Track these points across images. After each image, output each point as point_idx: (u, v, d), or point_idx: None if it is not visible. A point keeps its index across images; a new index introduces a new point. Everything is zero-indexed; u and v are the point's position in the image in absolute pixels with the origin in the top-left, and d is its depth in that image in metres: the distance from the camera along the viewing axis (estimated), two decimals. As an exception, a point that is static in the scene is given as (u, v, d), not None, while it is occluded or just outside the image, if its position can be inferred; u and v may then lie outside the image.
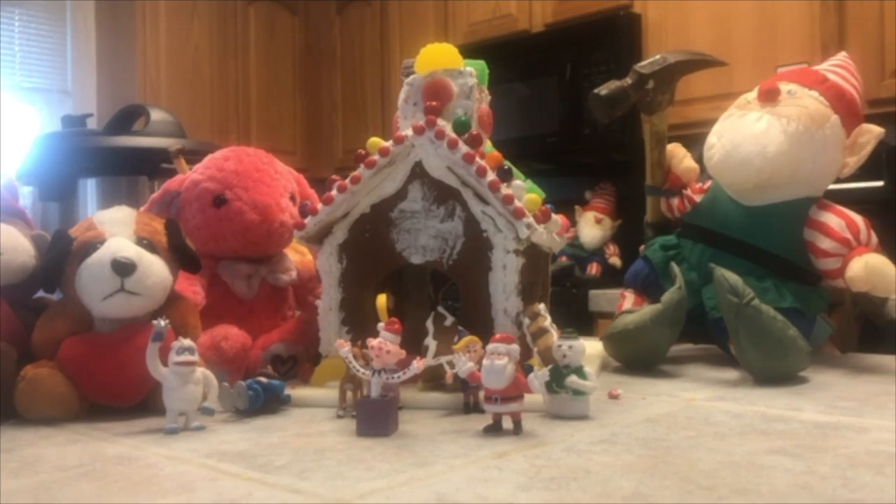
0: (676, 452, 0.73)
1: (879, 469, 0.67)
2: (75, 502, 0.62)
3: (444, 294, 1.23)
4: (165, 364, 0.84)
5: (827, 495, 0.60)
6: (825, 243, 1.20)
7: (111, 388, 0.92)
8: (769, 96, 1.27)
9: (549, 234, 1.08)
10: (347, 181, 1.06)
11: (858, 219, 1.22)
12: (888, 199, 2.79)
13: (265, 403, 0.91)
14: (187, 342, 0.84)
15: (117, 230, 0.97)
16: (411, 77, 1.14)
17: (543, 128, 3.50)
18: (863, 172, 3.16)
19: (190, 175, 1.22)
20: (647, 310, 1.20)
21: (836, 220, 1.21)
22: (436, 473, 0.67)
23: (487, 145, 1.13)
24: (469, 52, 1.19)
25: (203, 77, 4.26)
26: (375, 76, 4.50)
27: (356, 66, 4.60)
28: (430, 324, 0.94)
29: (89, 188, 2.52)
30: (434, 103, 1.07)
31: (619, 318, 1.24)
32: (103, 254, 0.93)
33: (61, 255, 0.95)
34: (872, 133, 1.27)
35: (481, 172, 1.00)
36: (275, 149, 1.14)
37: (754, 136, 1.23)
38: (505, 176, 1.01)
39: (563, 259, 3.16)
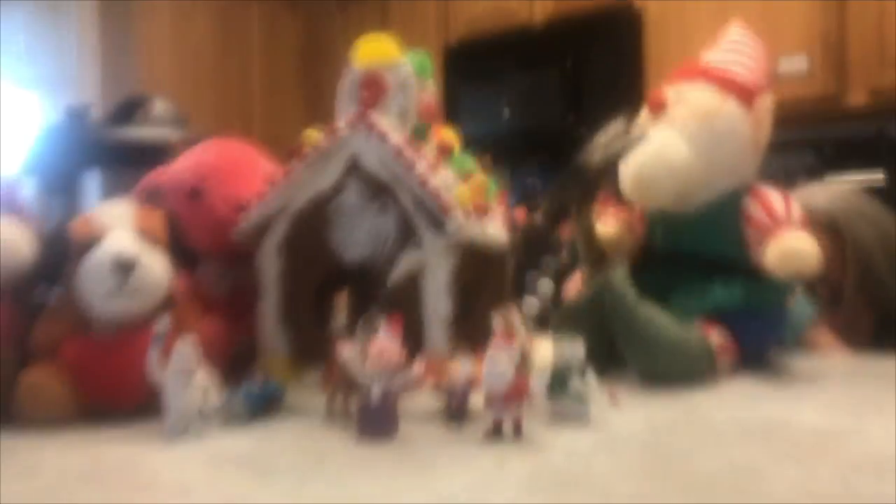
0: (677, 456, 0.73)
1: (880, 473, 0.67)
2: (76, 506, 0.62)
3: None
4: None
5: (827, 499, 0.60)
6: (753, 235, 1.17)
7: (112, 390, 0.91)
8: (657, 108, 1.23)
9: (485, 231, 1.06)
10: (280, 175, 1.05)
11: (776, 197, 1.17)
12: (888, 196, 2.79)
13: (264, 407, 0.91)
14: (189, 346, 0.83)
15: (117, 225, 0.95)
16: (350, 70, 1.12)
17: (545, 121, 3.50)
18: (862, 168, 3.13)
19: (173, 167, 1.21)
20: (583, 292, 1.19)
21: (757, 207, 1.17)
22: (436, 478, 0.67)
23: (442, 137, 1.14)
24: (470, 46, 1.19)
25: (205, 70, 4.25)
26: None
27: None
28: (361, 324, 0.92)
29: (92, 179, 2.52)
30: (367, 96, 1.06)
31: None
32: (104, 251, 0.91)
33: (61, 252, 0.94)
34: (765, 102, 1.23)
35: (409, 166, 0.99)
36: (277, 142, 1.13)
37: (654, 152, 1.19)
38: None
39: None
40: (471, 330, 1.03)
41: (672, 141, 1.20)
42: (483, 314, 1.14)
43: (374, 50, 1.12)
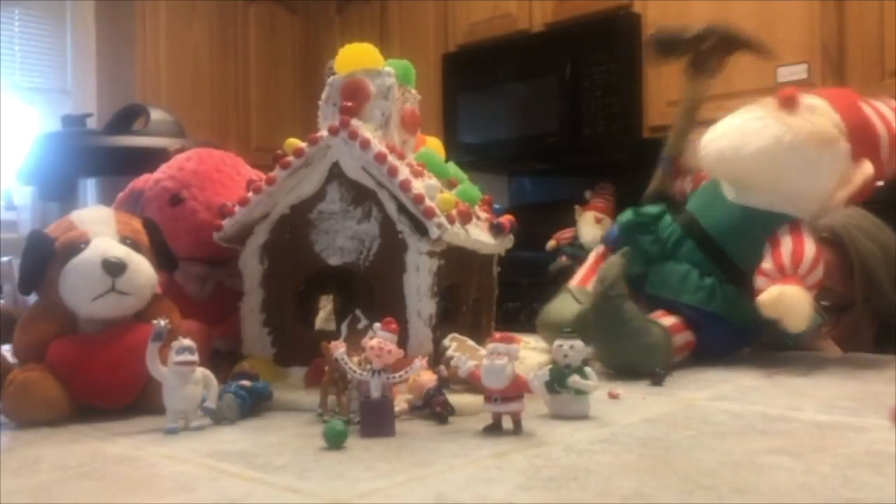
0: (676, 452, 0.73)
1: (879, 469, 0.67)
2: (75, 502, 0.62)
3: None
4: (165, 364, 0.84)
5: (827, 495, 0.60)
6: (766, 263, 1.17)
7: (103, 388, 0.90)
8: (787, 104, 1.22)
9: (469, 235, 1.07)
10: (263, 182, 1.06)
11: (809, 251, 1.16)
12: (888, 199, 2.79)
13: (253, 406, 0.90)
14: (187, 342, 0.83)
15: (100, 230, 0.96)
16: (332, 78, 1.13)
17: (543, 128, 3.51)
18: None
19: (154, 174, 1.22)
20: (575, 309, 1.26)
21: (789, 245, 1.17)
22: (436, 473, 0.67)
23: (427, 145, 1.16)
24: (469, 51, 1.19)
25: (203, 77, 4.26)
26: (375, 76, 4.50)
27: (356, 66, 4.59)
28: (345, 326, 0.91)
29: (89, 188, 2.52)
30: (349, 104, 1.06)
31: (553, 304, 1.31)
32: (92, 254, 0.91)
33: (44, 256, 0.93)
34: (863, 170, 1.20)
35: (392, 172, 1.00)
36: (275, 149, 1.14)
37: (742, 131, 1.21)
38: None
39: (564, 259, 3.16)
40: (456, 331, 1.04)
41: (765, 134, 1.19)
42: (468, 316, 1.15)
43: (356, 57, 1.12)
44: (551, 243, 3.21)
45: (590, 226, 3.22)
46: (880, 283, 1.60)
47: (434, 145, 1.23)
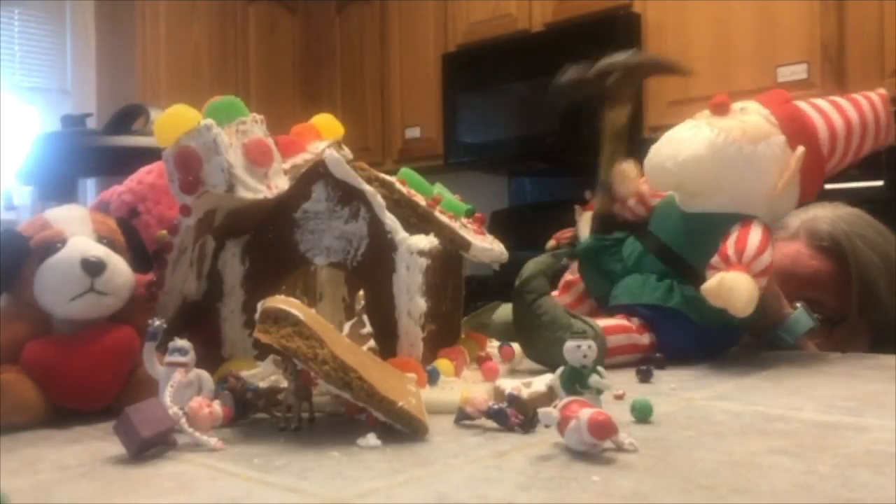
0: (676, 452, 0.73)
1: (879, 469, 0.67)
2: (75, 502, 0.62)
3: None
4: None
5: (827, 495, 0.60)
6: (714, 258, 1.18)
7: (80, 390, 0.88)
8: (718, 109, 1.26)
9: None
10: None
11: (754, 239, 1.17)
12: (888, 199, 2.79)
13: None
14: (181, 343, 0.83)
15: (76, 229, 0.94)
16: (164, 153, 1.02)
17: (543, 128, 3.51)
18: (863, 172, 3.17)
19: (119, 186, 1.22)
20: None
21: (734, 236, 1.18)
22: (435, 473, 0.67)
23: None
24: (469, 51, 1.19)
25: (203, 77, 4.26)
26: (375, 76, 4.51)
27: (356, 66, 4.60)
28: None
29: (89, 188, 2.52)
30: (189, 178, 0.99)
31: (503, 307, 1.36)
32: (70, 253, 0.90)
33: (17, 255, 0.91)
34: (797, 154, 1.22)
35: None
36: (275, 148, 1.14)
37: (675, 140, 1.24)
38: None
39: (565, 260, 3.15)
40: (436, 331, 1.05)
41: (697, 139, 1.22)
42: (447, 315, 1.15)
43: (172, 123, 1.03)
44: (551, 243, 3.20)
45: (590, 226, 3.22)
46: (879, 294, 1.59)
47: (324, 124, 1.22)
